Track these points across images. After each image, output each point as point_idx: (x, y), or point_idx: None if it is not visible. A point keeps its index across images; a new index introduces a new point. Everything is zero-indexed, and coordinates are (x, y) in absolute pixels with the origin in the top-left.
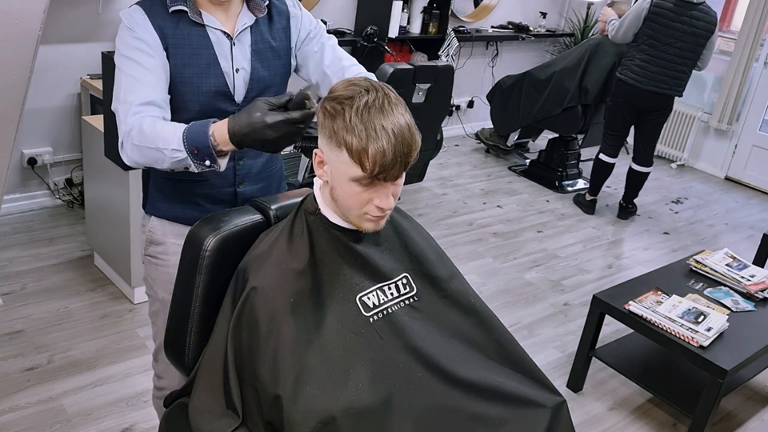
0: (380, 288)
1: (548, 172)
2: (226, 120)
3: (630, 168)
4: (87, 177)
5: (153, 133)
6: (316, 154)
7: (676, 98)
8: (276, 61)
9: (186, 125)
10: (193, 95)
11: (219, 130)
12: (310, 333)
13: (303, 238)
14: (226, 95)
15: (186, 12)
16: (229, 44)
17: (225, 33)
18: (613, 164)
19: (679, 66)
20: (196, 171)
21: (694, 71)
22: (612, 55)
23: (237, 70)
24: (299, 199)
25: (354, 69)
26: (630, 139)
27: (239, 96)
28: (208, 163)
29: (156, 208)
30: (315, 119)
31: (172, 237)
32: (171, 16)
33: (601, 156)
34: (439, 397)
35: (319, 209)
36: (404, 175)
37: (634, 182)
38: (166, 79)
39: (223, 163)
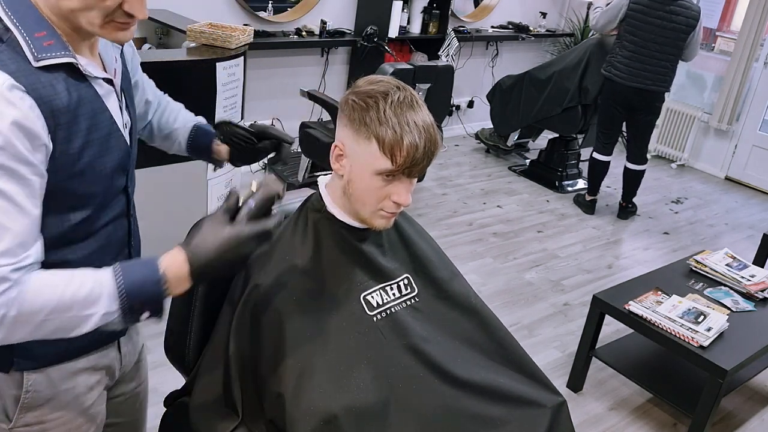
0: (383, 288)
1: (548, 172)
2: (174, 254)
3: (625, 167)
4: None
5: (56, 298)
6: (335, 147)
7: (677, 99)
8: (133, 100)
9: (111, 274)
10: (97, 181)
11: (172, 271)
12: (313, 331)
13: (307, 235)
14: (125, 167)
15: (69, 65)
16: (115, 94)
17: (107, 80)
18: (608, 162)
19: (661, 62)
20: (119, 328)
21: (682, 63)
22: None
23: (125, 127)
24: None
25: (167, 96)
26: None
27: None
28: (146, 315)
29: (34, 359)
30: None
31: (63, 382)
32: (41, 74)
33: (595, 155)
34: (441, 397)
35: (326, 207)
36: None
37: (631, 181)
38: (44, 185)
39: (166, 312)
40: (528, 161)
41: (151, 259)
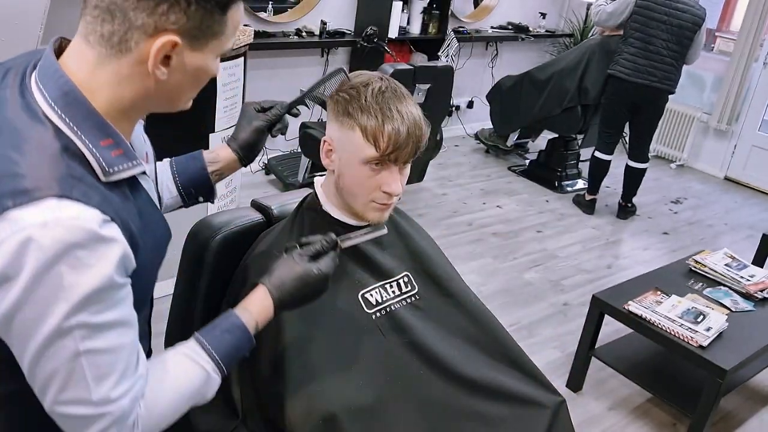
0: (382, 286)
1: (548, 173)
2: (258, 298)
3: (627, 165)
4: None
5: (170, 398)
6: (324, 142)
7: (677, 99)
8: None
9: (197, 348)
10: (150, 276)
11: (262, 315)
12: (311, 330)
13: (304, 235)
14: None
15: (131, 177)
16: (155, 188)
17: (145, 173)
18: (609, 161)
19: (666, 59)
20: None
21: (684, 67)
22: (611, 55)
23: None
24: (299, 198)
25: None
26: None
27: None
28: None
29: None
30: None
31: None
32: (113, 194)
33: (597, 153)
34: (441, 394)
35: (321, 205)
36: (409, 166)
37: (632, 179)
38: None
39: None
40: (528, 161)
41: (226, 320)
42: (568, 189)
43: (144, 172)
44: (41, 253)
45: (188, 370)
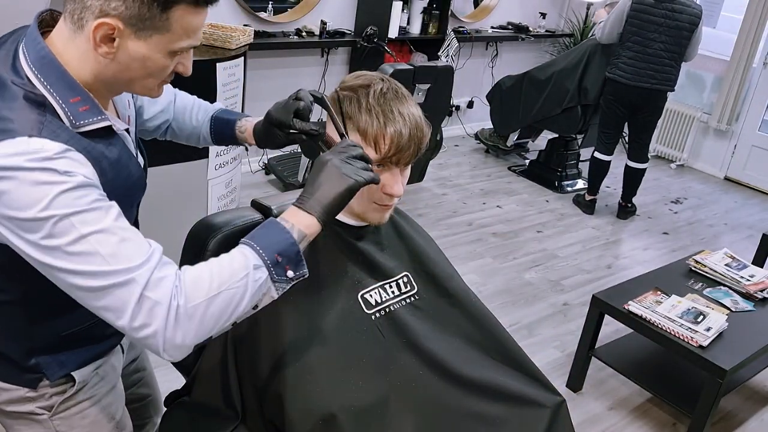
0: (382, 286)
1: (548, 173)
2: (297, 205)
3: (626, 165)
4: None
5: (212, 275)
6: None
7: (677, 99)
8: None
9: (239, 244)
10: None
11: (302, 222)
12: (311, 330)
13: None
14: (139, 202)
15: (103, 128)
16: (134, 143)
17: (126, 129)
18: (609, 162)
19: (665, 60)
20: (276, 296)
21: (684, 67)
22: (611, 56)
23: (141, 166)
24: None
25: (180, 94)
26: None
27: None
28: (291, 273)
29: (62, 365)
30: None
31: (93, 376)
32: (83, 139)
33: (596, 154)
34: (440, 395)
35: None
36: (410, 167)
37: (631, 179)
38: None
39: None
40: (527, 161)
41: (272, 220)
42: (568, 189)
43: (111, 126)
44: (16, 171)
45: (230, 257)
